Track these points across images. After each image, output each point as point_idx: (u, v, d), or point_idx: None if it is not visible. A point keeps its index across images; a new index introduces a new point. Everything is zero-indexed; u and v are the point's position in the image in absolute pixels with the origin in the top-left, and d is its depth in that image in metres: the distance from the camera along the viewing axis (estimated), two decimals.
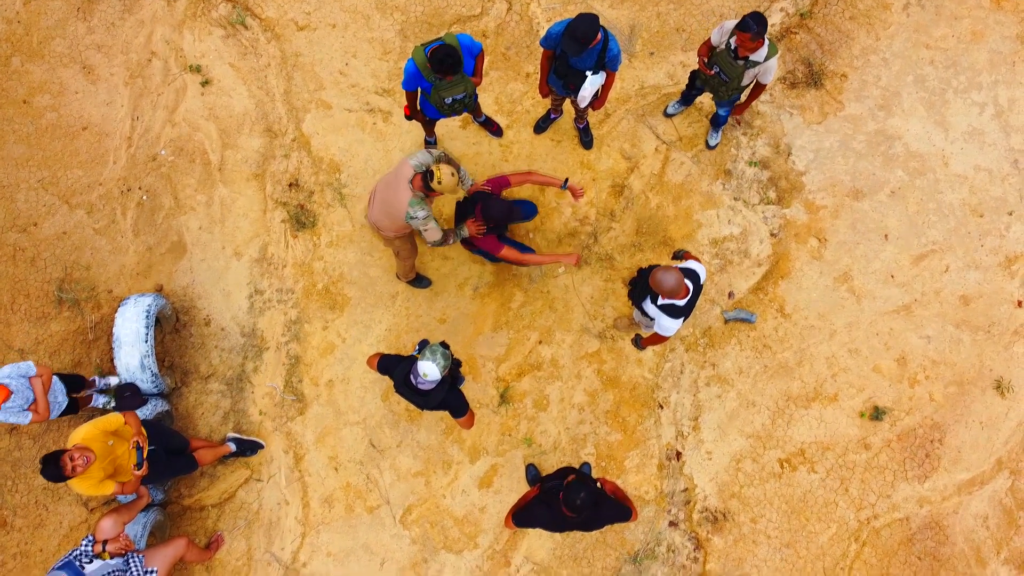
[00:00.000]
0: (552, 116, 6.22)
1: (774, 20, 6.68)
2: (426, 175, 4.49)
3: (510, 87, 6.47)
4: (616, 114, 6.48)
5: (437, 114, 5.30)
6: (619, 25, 6.62)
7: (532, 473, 5.76)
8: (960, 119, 6.52)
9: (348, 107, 6.43)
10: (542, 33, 6.58)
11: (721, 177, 6.37)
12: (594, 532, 5.68)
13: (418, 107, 5.33)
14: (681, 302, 4.49)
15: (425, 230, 4.77)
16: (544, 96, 5.59)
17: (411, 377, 4.29)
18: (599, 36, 4.68)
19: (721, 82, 5.26)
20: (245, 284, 6.11)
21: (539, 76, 5.99)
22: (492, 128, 6.35)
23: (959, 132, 6.49)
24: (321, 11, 6.59)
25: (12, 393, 4.61)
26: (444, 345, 4.29)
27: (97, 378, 5.45)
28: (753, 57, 4.96)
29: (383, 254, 6.17)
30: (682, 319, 4.59)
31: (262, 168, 6.33)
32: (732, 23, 4.94)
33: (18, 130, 6.32)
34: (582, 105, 5.22)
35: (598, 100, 5.36)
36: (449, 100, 4.98)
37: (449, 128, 6.37)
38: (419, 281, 6.03)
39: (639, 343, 5.69)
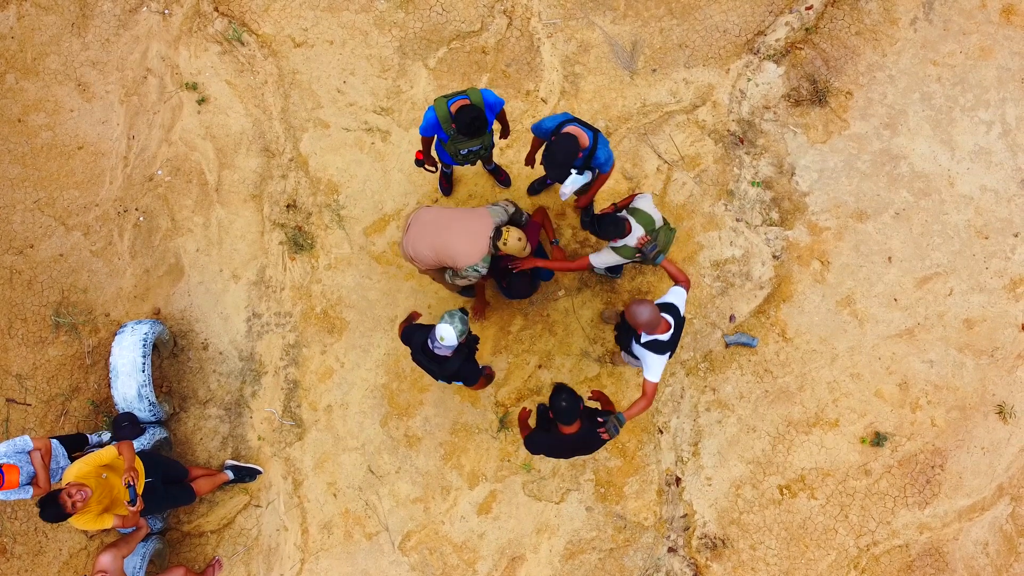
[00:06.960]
0: (548, 181, 6.05)
1: (779, 35, 6.56)
2: (494, 235, 4.61)
3: (510, 106, 6.37)
4: (618, 133, 6.39)
5: (451, 161, 5.17)
6: (621, 41, 6.51)
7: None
8: (967, 138, 6.42)
9: (346, 126, 6.35)
10: (543, 48, 6.49)
11: (723, 198, 6.29)
12: (592, 554, 5.70)
13: (432, 152, 5.29)
14: (664, 336, 4.47)
15: (464, 279, 4.85)
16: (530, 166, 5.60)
17: (428, 342, 4.41)
18: (580, 154, 4.61)
19: None
20: (243, 307, 6.07)
21: (527, 150, 5.68)
22: (500, 177, 6.20)
23: (965, 151, 6.39)
24: (318, 27, 6.49)
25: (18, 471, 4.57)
26: (464, 311, 4.41)
27: (91, 436, 5.40)
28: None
29: (381, 277, 6.12)
30: (668, 355, 4.56)
31: (260, 189, 6.27)
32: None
33: (13, 150, 6.27)
34: (563, 198, 5.05)
35: (583, 196, 5.14)
36: (464, 151, 4.92)
37: (456, 171, 6.27)
38: (468, 289, 5.78)
39: (620, 423, 4.48)
